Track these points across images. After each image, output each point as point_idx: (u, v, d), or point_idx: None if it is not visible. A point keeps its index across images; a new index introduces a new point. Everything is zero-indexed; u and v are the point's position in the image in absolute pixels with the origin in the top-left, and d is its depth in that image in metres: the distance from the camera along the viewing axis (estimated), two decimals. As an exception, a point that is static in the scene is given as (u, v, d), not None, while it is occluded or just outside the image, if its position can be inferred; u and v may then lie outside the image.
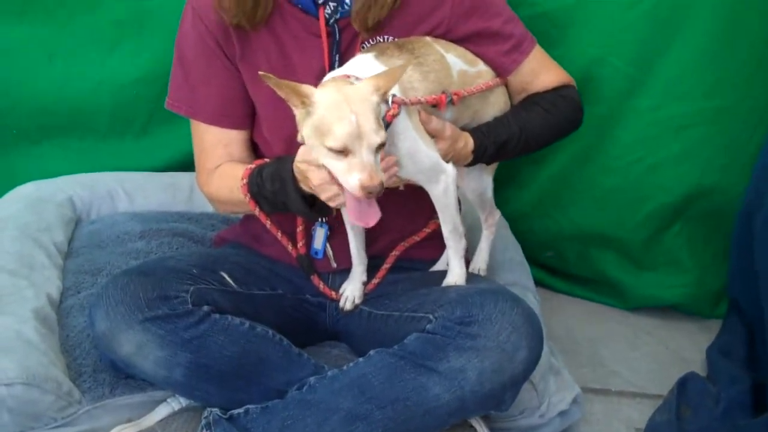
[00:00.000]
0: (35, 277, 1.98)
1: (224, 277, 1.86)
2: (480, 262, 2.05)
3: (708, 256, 2.63)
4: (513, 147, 1.87)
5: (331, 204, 1.62)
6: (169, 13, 2.31)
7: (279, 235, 1.91)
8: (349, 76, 1.63)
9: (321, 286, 1.94)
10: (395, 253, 1.97)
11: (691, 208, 2.57)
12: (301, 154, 1.62)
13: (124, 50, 2.41)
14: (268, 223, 1.86)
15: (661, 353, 2.58)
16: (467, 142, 1.80)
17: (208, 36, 1.85)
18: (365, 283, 1.94)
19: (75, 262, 2.14)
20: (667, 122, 2.46)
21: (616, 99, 2.45)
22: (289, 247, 1.93)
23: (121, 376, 1.80)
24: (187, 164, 2.52)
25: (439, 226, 1.87)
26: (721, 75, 2.39)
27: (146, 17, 2.37)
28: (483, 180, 1.97)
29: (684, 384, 2.26)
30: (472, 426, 1.86)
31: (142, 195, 2.43)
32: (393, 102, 1.59)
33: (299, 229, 1.92)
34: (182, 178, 2.51)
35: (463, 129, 1.83)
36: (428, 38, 1.85)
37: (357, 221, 1.59)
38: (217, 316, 1.74)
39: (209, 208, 2.45)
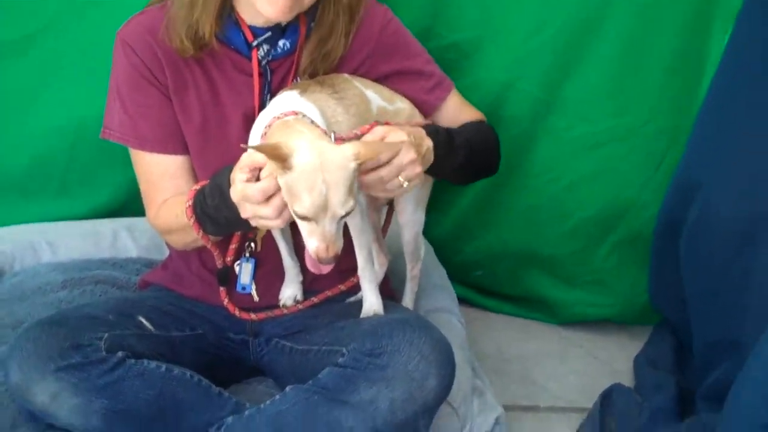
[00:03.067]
0: (-47, 333, 1.96)
1: (142, 322, 1.87)
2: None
3: (641, 278, 2.67)
4: (460, 143, 1.86)
5: (254, 224, 1.64)
6: (81, 65, 2.37)
7: (214, 250, 1.90)
8: (296, 113, 1.67)
9: (225, 300, 1.95)
10: (328, 293, 1.99)
11: (616, 230, 2.61)
12: (238, 163, 1.62)
13: (40, 105, 2.41)
14: (209, 244, 1.85)
15: (591, 366, 2.61)
16: (421, 136, 1.78)
17: (141, 66, 1.88)
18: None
19: (-5, 315, 2.12)
20: (580, 141, 2.51)
21: (528, 121, 2.51)
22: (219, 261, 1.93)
23: (41, 428, 1.77)
24: (108, 212, 2.57)
25: None
26: (629, 93, 2.46)
27: (59, 70, 2.38)
28: (418, 215, 2.02)
29: (609, 396, 2.29)
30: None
31: (64, 245, 2.43)
32: (335, 139, 1.63)
33: (233, 246, 1.92)
34: (105, 225, 2.51)
35: None
36: (346, 75, 1.90)
37: (311, 268, 1.64)
38: (132, 361, 1.74)
39: (133, 253, 2.48)
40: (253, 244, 1.95)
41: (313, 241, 1.56)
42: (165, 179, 1.93)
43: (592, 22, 2.39)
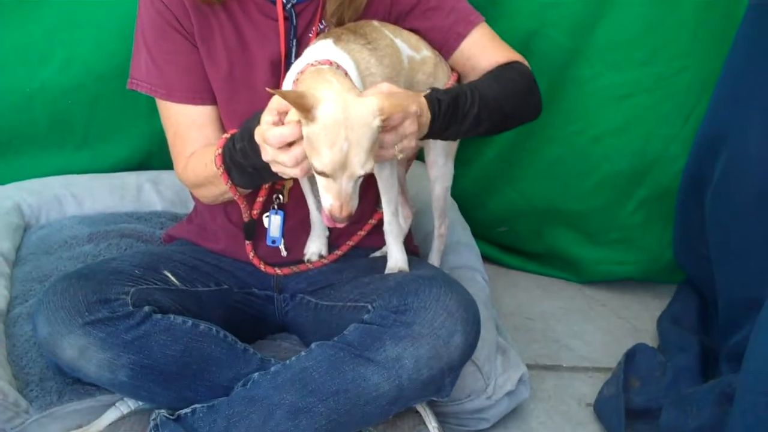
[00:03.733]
0: (-19, 288, 1.99)
1: (168, 276, 1.87)
2: None
3: (667, 235, 2.65)
4: (468, 106, 1.77)
5: (274, 170, 1.62)
6: (98, 21, 2.34)
7: (241, 202, 1.89)
8: (331, 63, 1.64)
9: (251, 254, 1.95)
10: (350, 242, 1.99)
11: (643, 185, 2.59)
12: (268, 105, 1.60)
13: (55, 61, 2.38)
14: (236, 196, 1.84)
15: (614, 325, 2.60)
16: (419, 102, 1.69)
17: (167, 13, 1.86)
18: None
19: (23, 269, 2.14)
20: (606, 91, 2.48)
21: (555, 71, 2.47)
22: (246, 214, 1.91)
23: (68, 381, 1.81)
24: (131, 165, 2.56)
25: (382, 217, 1.89)
26: (658, 43, 2.41)
27: (75, 27, 2.35)
28: (448, 167, 2.01)
29: (633, 356, 2.29)
30: (417, 413, 1.89)
31: (90, 198, 2.43)
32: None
33: (260, 199, 1.91)
34: (129, 178, 2.51)
35: None
36: (376, 22, 1.87)
37: (326, 222, 1.62)
38: (159, 316, 1.75)
39: (158, 207, 2.49)
40: (281, 196, 1.94)
41: (328, 198, 1.55)
42: (193, 129, 1.91)
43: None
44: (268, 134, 1.55)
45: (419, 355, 1.68)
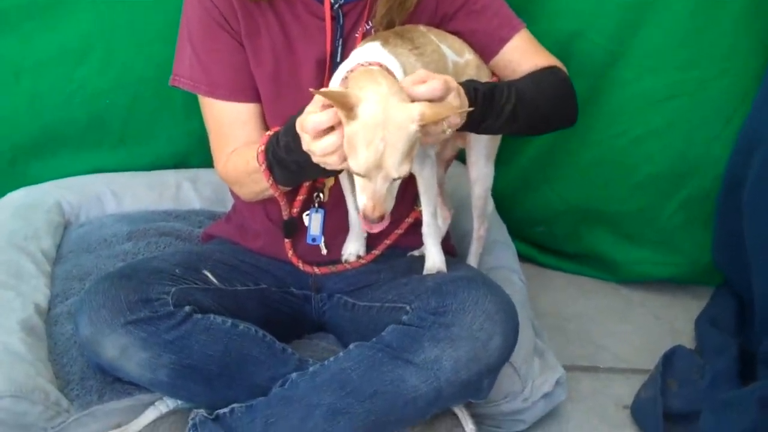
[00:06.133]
0: (22, 286, 2.01)
1: (207, 276, 1.89)
2: None
3: (707, 237, 2.62)
4: (504, 99, 1.75)
5: (314, 160, 1.60)
6: (136, 22, 2.34)
7: (281, 199, 1.88)
8: (380, 65, 1.64)
9: (290, 253, 1.96)
10: (387, 241, 1.99)
11: (684, 187, 2.56)
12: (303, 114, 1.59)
13: (93, 62, 2.39)
14: (277, 193, 1.84)
15: (652, 326, 2.58)
16: (456, 88, 1.65)
17: (214, 10, 1.87)
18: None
19: (63, 267, 2.16)
20: (647, 94, 2.45)
21: (596, 73, 2.44)
22: (284, 212, 1.91)
23: (108, 380, 1.82)
24: (168, 165, 2.58)
25: (419, 216, 1.89)
26: (701, 46, 2.38)
27: (113, 28, 2.36)
28: (489, 168, 2.01)
29: (670, 358, 2.27)
30: (455, 414, 1.89)
31: (129, 195, 2.45)
32: None
33: (300, 197, 1.91)
34: (168, 176, 2.53)
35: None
36: (422, 27, 1.87)
37: (363, 225, 1.63)
38: (199, 316, 1.76)
39: (196, 205, 2.50)
40: (321, 195, 1.94)
41: (363, 198, 1.55)
42: (236, 127, 1.92)
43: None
44: (306, 120, 1.55)
45: (458, 357, 1.67)
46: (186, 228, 2.34)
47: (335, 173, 1.79)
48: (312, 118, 1.54)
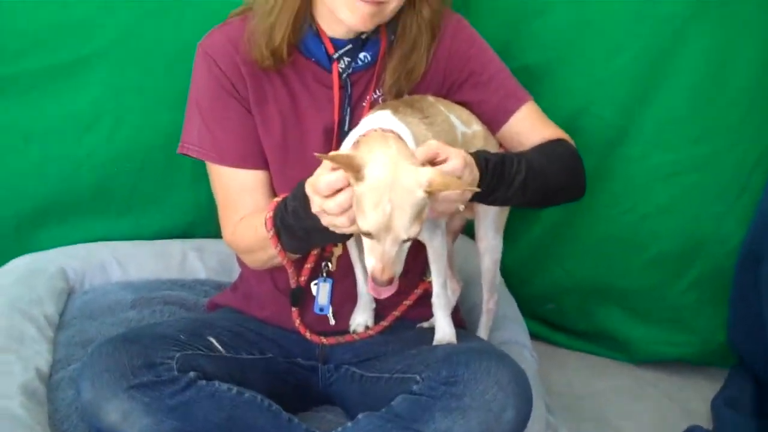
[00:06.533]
0: (24, 351, 1.97)
1: (212, 342, 1.85)
2: None
3: (720, 315, 2.59)
4: (515, 170, 1.75)
5: (324, 223, 1.59)
6: (145, 90, 2.35)
7: (289, 267, 1.86)
8: (393, 132, 1.64)
9: (297, 322, 1.93)
10: (396, 313, 1.96)
11: (695, 264, 2.54)
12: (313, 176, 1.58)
13: (102, 129, 2.39)
14: (284, 261, 1.82)
15: (666, 406, 2.54)
16: (473, 163, 1.67)
17: (223, 78, 1.88)
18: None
19: (66, 334, 2.13)
20: (656, 170, 2.45)
21: (603, 149, 2.44)
22: (293, 280, 1.89)
23: (109, 448, 1.77)
24: (174, 234, 2.56)
25: (428, 288, 1.86)
26: (708, 121, 2.38)
27: (122, 95, 2.37)
28: (498, 240, 2.00)
29: (690, 438, 2.23)
30: (465, 488, 1.83)
31: (134, 264, 2.43)
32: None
33: (307, 266, 1.90)
34: (173, 245, 2.52)
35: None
36: (431, 97, 1.88)
37: (371, 291, 1.60)
38: (204, 382, 1.72)
39: (202, 275, 2.48)
40: (329, 264, 1.92)
41: (371, 260, 1.53)
42: (244, 194, 1.91)
43: (672, 47, 2.32)
44: (318, 180, 1.54)
45: (469, 428, 1.62)
46: (191, 297, 2.32)
47: (343, 239, 1.77)
48: (324, 178, 1.53)
